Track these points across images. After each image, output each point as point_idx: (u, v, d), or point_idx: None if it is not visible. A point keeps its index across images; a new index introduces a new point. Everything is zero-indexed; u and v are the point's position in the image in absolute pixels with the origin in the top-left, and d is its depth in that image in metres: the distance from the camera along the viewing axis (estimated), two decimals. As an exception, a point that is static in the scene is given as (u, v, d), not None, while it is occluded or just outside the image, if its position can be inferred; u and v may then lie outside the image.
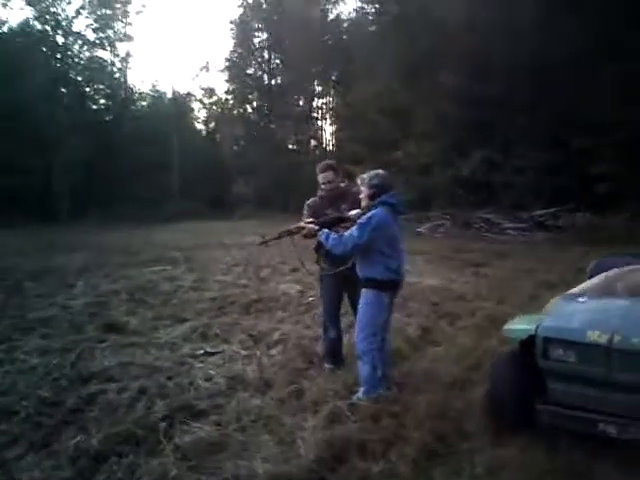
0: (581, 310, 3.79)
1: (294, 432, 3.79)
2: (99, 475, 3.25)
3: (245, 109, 43.74)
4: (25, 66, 32.94)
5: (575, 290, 4.33)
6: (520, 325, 3.96)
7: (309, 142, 42.68)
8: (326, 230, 4.48)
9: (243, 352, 5.62)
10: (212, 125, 48.06)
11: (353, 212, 4.76)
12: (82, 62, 39.40)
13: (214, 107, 46.94)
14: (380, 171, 4.67)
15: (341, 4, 48.23)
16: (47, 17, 36.52)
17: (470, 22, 20.00)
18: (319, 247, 4.69)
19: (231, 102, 44.44)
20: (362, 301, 4.49)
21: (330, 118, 43.64)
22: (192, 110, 48.42)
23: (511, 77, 19.47)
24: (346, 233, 4.35)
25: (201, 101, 47.49)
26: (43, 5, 36.43)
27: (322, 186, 5.12)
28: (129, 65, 42.51)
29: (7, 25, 36.60)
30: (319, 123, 43.78)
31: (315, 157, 37.30)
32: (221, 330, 6.49)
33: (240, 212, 34.31)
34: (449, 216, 20.86)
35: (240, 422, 3.97)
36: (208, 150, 43.47)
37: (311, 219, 4.74)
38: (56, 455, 3.47)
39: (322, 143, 43.58)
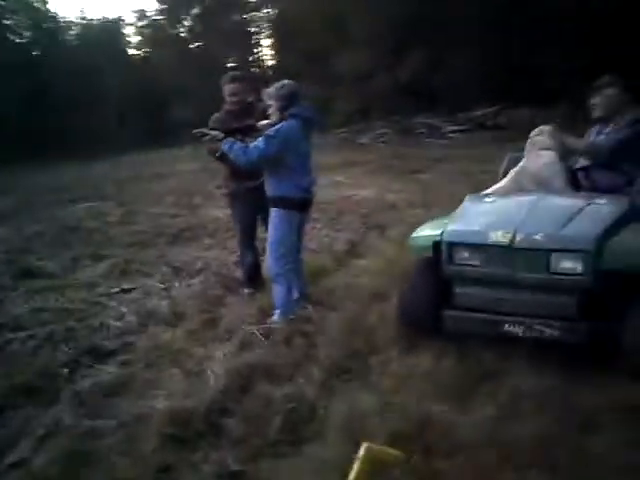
0: (486, 211, 3.69)
1: (203, 363, 3.68)
2: (-9, 432, 3.08)
3: (178, 29, 41.57)
4: None
5: (487, 190, 4.23)
6: (426, 232, 3.84)
7: (247, 58, 41.02)
8: (231, 139, 4.17)
9: (160, 285, 5.44)
10: (146, 50, 45.72)
11: (263, 122, 4.48)
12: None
13: (146, 30, 44.47)
14: (288, 81, 4.34)
15: None
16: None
17: None
18: (223, 157, 4.38)
19: (163, 23, 42.13)
20: (271, 221, 4.30)
21: (267, 32, 41.88)
22: (124, 35, 45.82)
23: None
24: (252, 144, 4.09)
25: (133, 25, 44.89)
26: None
27: (227, 99, 4.81)
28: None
29: None
30: (256, 38, 41.97)
31: (255, 73, 35.99)
32: (142, 264, 6.29)
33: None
34: (391, 123, 20.53)
35: (148, 359, 3.84)
36: (144, 76, 41.52)
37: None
38: (-53, 414, 3.28)
39: (260, 58, 42.00)
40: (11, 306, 5.19)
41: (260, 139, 4.05)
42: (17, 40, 37.99)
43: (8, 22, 37.05)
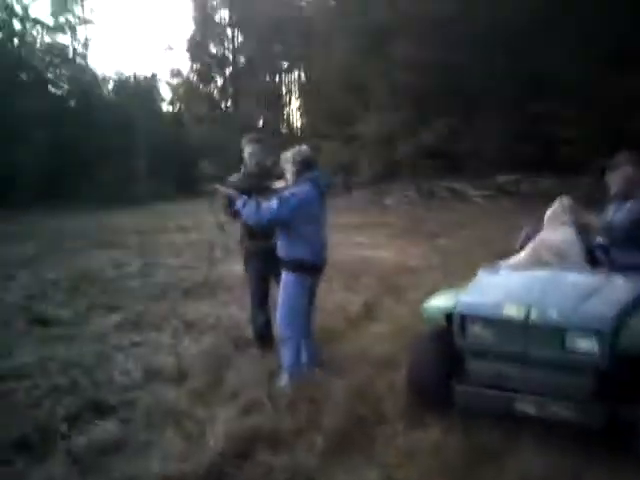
0: (501, 284, 3.62)
1: (205, 425, 3.57)
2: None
3: (210, 88, 42.90)
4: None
5: (503, 262, 4.15)
6: (438, 302, 3.76)
7: (275, 119, 42.00)
8: (245, 197, 4.19)
9: (170, 341, 5.38)
10: (178, 106, 47.16)
11: (278, 184, 4.51)
12: (41, 48, 38.27)
13: (180, 88, 46.00)
14: (304, 147, 4.42)
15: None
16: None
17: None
18: (236, 214, 4.38)
19: (196, 82, 43.55)
20: (282, 284, 4.28)
21: (295, 95, 43.03)
22: (158, 92, 47.40)
23: (472, 43, 19.15)
24: (265, 204, 4.09)
25: (167, 82, 46.52)
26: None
27: (247, 159, 4.87)
28: (91, 49, 41.48)
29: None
30: (285, 100, 43.10)
31: (282, 135, 36.78)
32: (155, 317, 6.25)
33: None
34: (414, 186, 20.65)
35: (148, 418, 3.75)
36: (174, 131, 42.65)
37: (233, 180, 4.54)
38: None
39: (288, 120, 42.99)
40: (21, 353, 5.15)
41: (273, 201, 4.06)
42: (55, 92, 39.43)
43: (49, 75, 38.56)
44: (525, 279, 3.54)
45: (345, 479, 2.83)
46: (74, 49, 40.02)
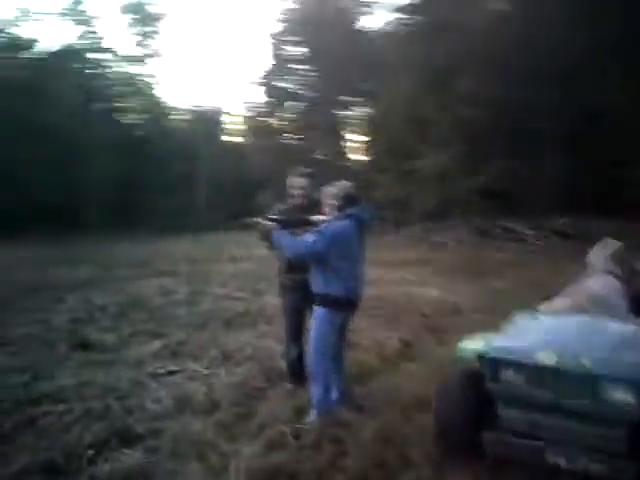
0: (536, 328, 3.48)
1: (228, 459, 3.55)
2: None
3: (275, 121, 43.70)
4: (58, 84, 33.73)
5: (541, 306, 4.01)
6: (473, 344, 3.64)
7: (337, 153, 42.37)
8: (283, 230, 4.20)
9: (204, 371, 5.40)
10: (243, 137, 48.28)
11: (318, 217, 4.50)
12: (114, 78, 40.10)
13: (245, 120, 47.06)
14: (347, 183, 4.40)
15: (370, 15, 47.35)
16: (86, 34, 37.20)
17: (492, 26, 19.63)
18: (270, 247, 4.40)
19: (261, 114, 44.47)
20: (314, 318, 4.24)
21: (356, 128, 43.34)
22: (223, 123, 48.72)
23: (532, 81, 18.93)
24: (301, 238, 4.10)
25: (232, 114, 47.78)
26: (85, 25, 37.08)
27: (293, 192, 4.86)
28: (160, 80, 43.10)
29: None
30: (346, 133, 43.45)
31: (341, 167, 37.04)
32: (194, 346, 6.29)
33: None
34: (467, 224, 20.35)
35: (174, 448, 3.75)
36: (237, 163, 43.64)
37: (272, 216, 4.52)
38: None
39: (350, 153, 43.31)
40: (60, 377, 5.26)
41: (310, 235, 4.06)
42: (123, 121, 41.08)
43: (119, 104, 40.27)
44: (561, 325, 3.41)
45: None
46: (144, 80, 41.70)
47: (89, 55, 38.02)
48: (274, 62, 42.16)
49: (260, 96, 43.69)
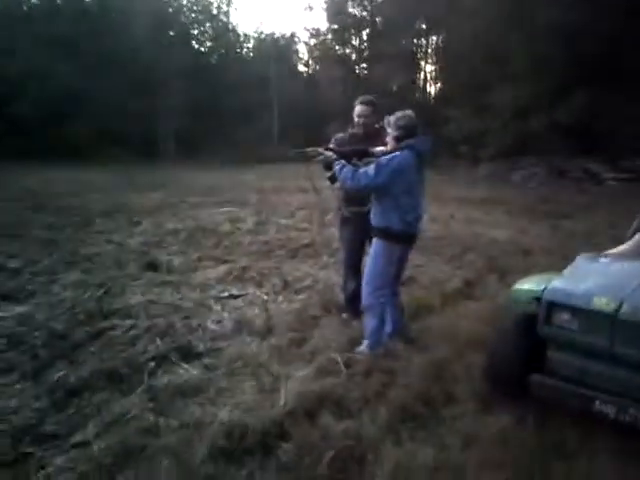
0: (597, 273, 3.35)
1: (279, 381, 3.68)
2: (69, 409, 3.30)
3: (346, 50, 42.71)
4: (133, 10, 34.00)
5: (608, 251, 3.85)
6: (529, 285, 3.56)
7: (411, 83, 41.08)
8: (343, 161, 4.18)
9: (265, 297, 5.55)
10: (313, 67, 47.56)
11: (378, 149, 4.43)
12: (188, 4, 40.07)
13: (316, 49, 46.18)
14: (409, 112, 4.26)
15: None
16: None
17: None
18: (333, 179, 4.40)
19: (332, 43, 43.50)
20: (372, 251, 4.25)
21: (431, 59, 41.73)
22: (296, 52, 48.07)
23: (625, 9, 17.53)
24: (362, 169, 4.06)
25: (304, 42, 46.99)
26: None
27: (356, 119, 4.79)
28: (234, 7, 42.71)
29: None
30: (421, 64, 41.94)
31: (415, 99, 36.01)
32: (257, 273, 6.44)
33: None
34: (544, 164, 19.50)
35: (229, 367, 3.91)
36: (308, 93, 43.18)
37: (331, 146, 4.48)
38: (40, 386, 3.57)
39: (423, 86, 41.93)
40: (130, 295, 5.54)
41: (371, 166, 4.01)
42: (199, 48, 41.21)
43: (194, 31, 40.36)
44: (623, 270, 3.27)
45: (400, 454, 2.79)
46: (218, 6, 41.47)
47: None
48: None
49: (330, 23, 42.57)
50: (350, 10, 41.03)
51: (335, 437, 2.99)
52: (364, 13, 41.06)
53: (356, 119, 4.78)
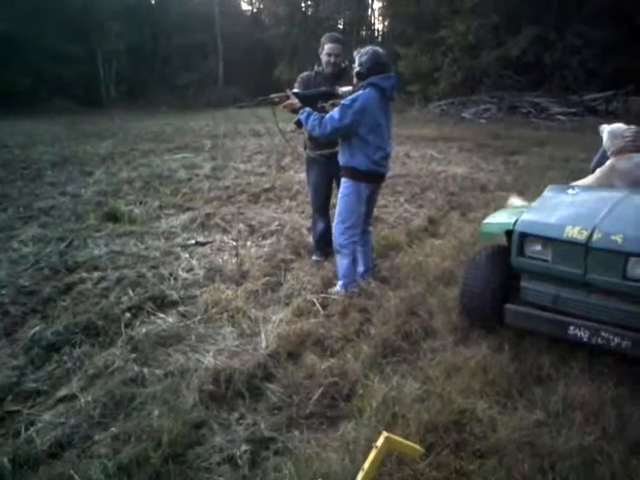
0: (566, 204, 3.43)
1: (258, 325, 3.70)
2: (49, 365, 3.25)
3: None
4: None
5: (574, 183, 3.95)
6: (499, 219, 3.64)
7: (356, 20, 40.38)
8: (308, 109, 4.11)
9: (233, 243, 5.51)
10: (257, 5, 46.13)
11: (344, 89, 4.36)
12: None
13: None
14: (374, 48, 4.15)
15: None
16: None
17: None
18: (299, 124, 4.34)
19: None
20: (341, 191, 4.24)
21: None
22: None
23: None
24: (327, 115, 4.00)
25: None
26: None
27: (325, 58, 4.68)
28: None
29: None
30: (367, 2, 41.16)
31: (362, 37, 35.52)
32: (221, 220, 6.37)
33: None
34: (496, 100, 19.65)
35: (206, 314, 3.90)
36: (253, 33, 41.95)
37: (296, 91, 4.39)
38: (15, 343, 3.49)
39: (369, 23, 41.33)
40: (92, 247, 5.40)
41: (335, 110, 3.95)
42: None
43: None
44: (592, 200, 3.36)
45: (385, 388, 2.87)
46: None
47: None
48: None
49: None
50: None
51: (320, 375, 3.05)
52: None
53: (326, 58, 4.67)
